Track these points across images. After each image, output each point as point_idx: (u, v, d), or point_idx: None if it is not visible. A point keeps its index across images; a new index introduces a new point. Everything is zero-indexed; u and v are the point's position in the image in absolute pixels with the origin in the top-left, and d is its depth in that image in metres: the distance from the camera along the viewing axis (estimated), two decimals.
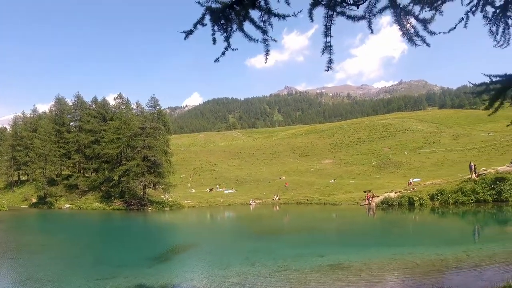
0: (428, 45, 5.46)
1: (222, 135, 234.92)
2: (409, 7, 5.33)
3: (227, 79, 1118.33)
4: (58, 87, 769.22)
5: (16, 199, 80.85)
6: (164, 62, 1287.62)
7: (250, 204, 62.16)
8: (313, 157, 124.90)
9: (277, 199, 64.16)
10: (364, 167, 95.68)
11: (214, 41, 5.40)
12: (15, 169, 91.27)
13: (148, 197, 64.03)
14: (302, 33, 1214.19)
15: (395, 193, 46.48)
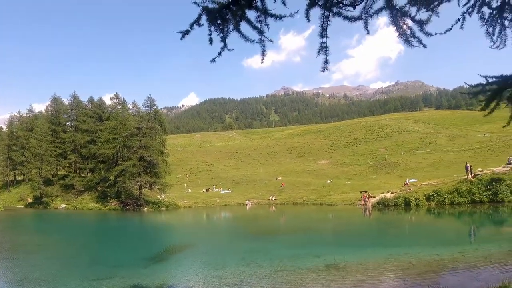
0: (425, 46, 5.46)
1: (218, 135, 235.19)
2: (405, 8, 5.33)
3: (224, 79, 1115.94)
4: (54, 87, 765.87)
5: (12, 199, 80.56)
6: (160, 62, 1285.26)
7: (246, 205, 62.12)
8: (309, 157, 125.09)
9: (273, 199, 64.18)
10: (361, 168, 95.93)
11: (211, 41, 5.38)
12: (11, 169, 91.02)
13: (144, 197, 63.95)
14: (299, 33, 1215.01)
15: (391, 193, 46.52)
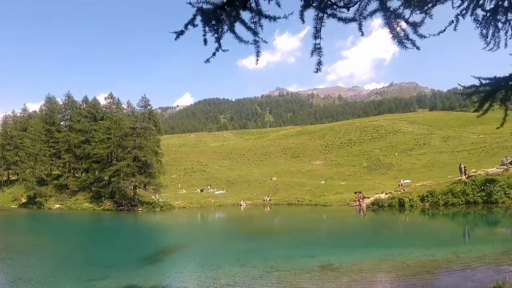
0: (418, 48, 5.48)
1: (213, 135, 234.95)
2: (399, 10, 5.34)
3: (218, 80, 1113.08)
4: (48, 87, 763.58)
5: (5, 199, 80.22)
6: (155, 63, 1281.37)
7: (241, 205, 62.04)
8: (304, 158, 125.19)
9: (268, 200, 64.14)
10: (355, 169, 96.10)
11: (205, 42, 5.37)
12: (4, 169, 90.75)
13: (139, 197, 63.76)
14: (294, 34, 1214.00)
15: (386, 194, 46.64)
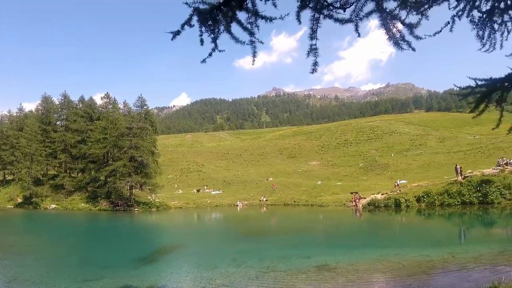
0: (414, 49, 5.48)
1: (209, 136, 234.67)
2: (395, 11, 5.34)
3: (215, 80, 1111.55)
4: (44, 86, 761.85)
5: (1, 199, 79.73)
6: (152, 62, 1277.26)
7: (237, 205, 62.03)
8: (300, 158, 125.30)
9: (264, 200, 64.14)
10: (351, 169, 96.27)
11: (202, 42, 5.37)
12: (0, 169, 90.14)
13: (135, 197, 63.56)
14: (291, 35, 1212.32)
15: (382, 194, 46.71)
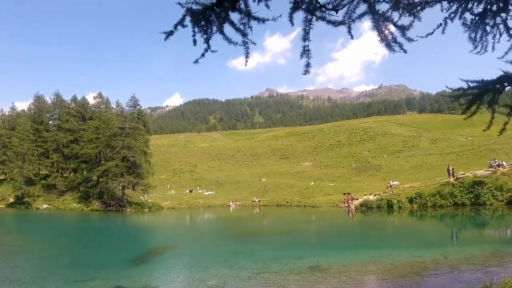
0: (405, 51, 5.50)
1: (202, 136, 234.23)
2: (388, 13, 5.36)
3: (208, 80, 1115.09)
4: (37, 86, 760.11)
5: None
6: (145, 62, 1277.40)
7: (230, 206, 61.94)
8: (293, 159, 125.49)
9: (257, 201, 64.13)
10: (344, 170, 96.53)
11: (195, 42, 5.35)
12: None
13: (127, 198, 63.29)
14: (284, 35, 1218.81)
15: (374, 195, 46.84)
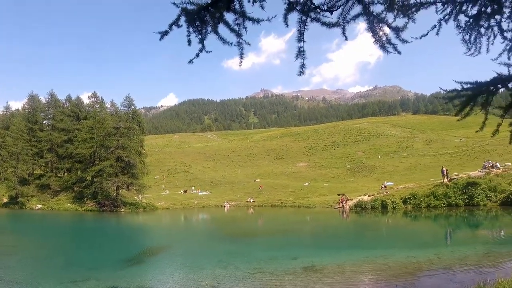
0: (399, 52, 5.51)
1: (197, 136, 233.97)
2: (382, 15, 5.37)
3: (203, 80, 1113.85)
4: (31, 86, 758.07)
5: None
6: (140, 62, 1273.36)
7: (224, 206, 61.94)
8: (288, 160, 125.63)
9: (251, 201, 64.15)
10: (338, 171, 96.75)
11: (189, 42, 5.33)
12: None
13: (121, 198, 63.13)
14: (280, 36, 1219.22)
15: (369, 196, 47.00)
